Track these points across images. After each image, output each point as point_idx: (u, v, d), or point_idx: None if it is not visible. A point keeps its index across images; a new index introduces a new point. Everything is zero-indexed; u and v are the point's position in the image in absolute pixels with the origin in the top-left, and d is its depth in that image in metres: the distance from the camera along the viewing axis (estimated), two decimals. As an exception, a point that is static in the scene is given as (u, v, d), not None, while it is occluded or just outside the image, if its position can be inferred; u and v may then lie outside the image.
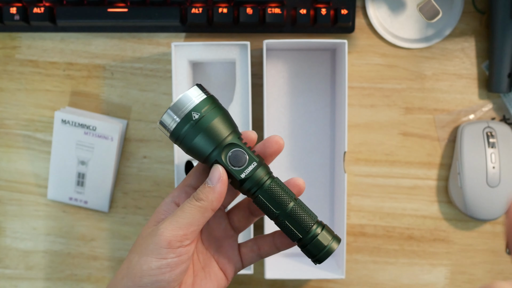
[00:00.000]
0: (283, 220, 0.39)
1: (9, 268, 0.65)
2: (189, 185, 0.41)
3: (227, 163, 0.38)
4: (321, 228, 0.40)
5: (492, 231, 0.65)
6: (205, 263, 0.42)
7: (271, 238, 0.43)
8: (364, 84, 0.63)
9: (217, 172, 0.38)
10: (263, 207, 0.39)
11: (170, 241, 0.37)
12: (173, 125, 0.38)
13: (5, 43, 0.63)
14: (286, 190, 0.40)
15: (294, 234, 0.39)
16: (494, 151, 0.61)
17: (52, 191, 0.64)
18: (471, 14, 0.63)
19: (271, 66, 0.63)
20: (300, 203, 0.40)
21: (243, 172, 0.38)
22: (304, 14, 0.60)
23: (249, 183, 0.39)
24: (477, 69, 0.64)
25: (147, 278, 0.37)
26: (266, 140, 0.41)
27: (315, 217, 0.40)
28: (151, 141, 0.64)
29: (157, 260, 0.37)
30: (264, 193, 0.39)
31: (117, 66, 0.63)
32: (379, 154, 0.64)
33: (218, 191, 0.38)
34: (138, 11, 0.60)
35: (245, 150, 0.39)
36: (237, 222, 0.43)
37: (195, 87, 0.39)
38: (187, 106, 0.38)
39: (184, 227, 0.37)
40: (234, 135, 0.39)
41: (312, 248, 0.39)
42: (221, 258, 0.42)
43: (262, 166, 0.39)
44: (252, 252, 0.43)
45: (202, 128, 0.38)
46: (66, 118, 0.62)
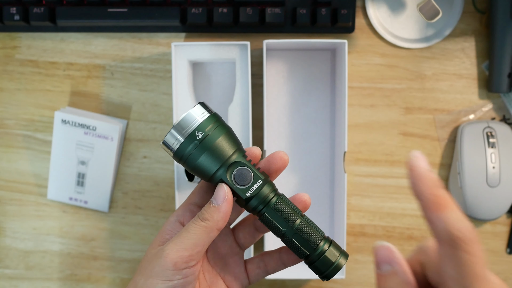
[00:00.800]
0: (290, 237, 0.39)
1: (9, 268, 0.65)
2: (193, 203, 0.40)
3: (232, 182, 0.38)
4: (329, 244, 0.39)
5: (492, 231, 0.65)
6: (212, 281, 0.41)
7: (278, 254, 0.42)
8: (364, 84, 0.63)
9: (222, 192, 0.37)
10: (269, 225, 0.39)
11: (176, 262, 0.36)
12: (177, 145, 0.37)
13: (5, 43, 0.63)
14: (292, 207, 0.39)
15: (301, 251, 0.39)
16: (494, 151, 0.61)
17: (52, 191, 0.64)
18: (471, 14, 0.63)
19: (271, 66, 0.63)
20: (306, 220, 0.39)
21: (249, 190, 0.38)
22: (304, 14, 0.60)
23: (254, 201, 0.38)
24: (477, 69, 0.64)
25: None
26: (271, 156, 0.40)
27: (322, 233, 0.39)
28: (151, 141, 0.64)
29: (163, 282, 0.36)
30: (270, 210, 0.38)
31: (117, 66, 0.63)
32: (379, 154, 0.64)
33: (223, 210, 0.37)
34: (138, 11, 0.60)
35: (250, 168, 0.38)
36: (242, 238, 0.43)
37: (198, 106, 0.38)
38: (190, 126, 0.37)
39: (190, 248, 0.37)
40: (239, 153, 0.38)
41: (320, 265, 0.39)
42: (227, 275, 0.42)
43: (267, 184, 0.39)
44: (259, 268, 0.43)
45: (207, 148, 0.37)
46: (66, 118, 0.62)
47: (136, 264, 0.65)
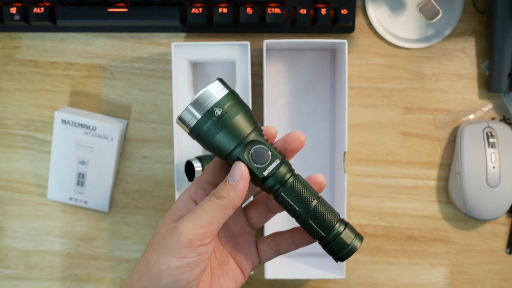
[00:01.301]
0: (306, 218, 0.38)
1: (9, 268, 0.65)
2: (206, 182, 0.40)
3: (249, 161, 0.37)
4: (344, 226, 0.39)
5: (492, 231, 0.65)
6: (222, 260, 0.41)
7: (290, 235, 0.42)
8: (364, 84, 0.63)
9: (239, 170, 0.37)
10: (285, 205, 0.38)
11: (191, 240, 0.36)
12: (194, 122, 0.37)
13: (5, 43, 0.63)
14: (308, 187, 0.39)
15: (316, 232, 0.38)
16: (494, 151, 0.61)
17: (52, 191, 0.64)
18: (471, 14, 0.63)
19: (271, 66, 0.63)
20: (322, 201, 0.39)
21: (266, 169, 0.37)
22: (304, 14, 0.60)
23: (271, 181, 0.38)
24: (477, 69, 0.64)
25: (166, 277, 0.36)
26: (287, 136, 0.40)
27: (337, 215, 0.39)
28: (151, 141, 0.64)
29: (177, 259, 0.36)
30: (287, 190, 0.38)
31: (117, 66, 0.63)
32: (379, 154, 0.64)
33: (240, 188, 0.37)
34: (138, 11, 0.60)
35: (268, 147, 0.38)
36: (254, 218, 0.42)
37: (217, 82, 0.37)
38: (209, 102, 0.36)
39: (205, 225, 0.36)
40: (257, 132, 0.38)
41: (335, 247, 0.39)
42: (238, 255, 0.42)
43: (284, 164, 0.38)
44: (270, 248, 0.42)
45: (225, 125, 0.36)
46: (66, 118, 0.62)
47: (136, 264, 0.65)
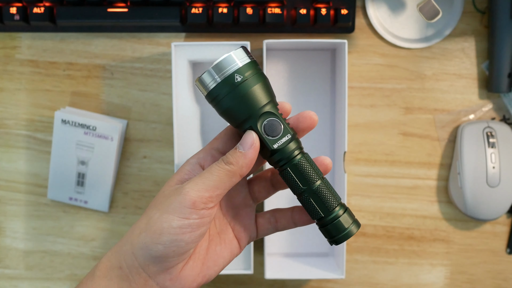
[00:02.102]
0: (308, 197, 0.39)
1: (9, 268, 0.65)
2: (216, 149, 0.40)
3: (261, 131, 0.38)
4: (344, 210, 0.39)
5: (492, 231, 0.65)
6: (221, 229, 0.42)
7: (290, 212, 0.42)
8: (364, 84, 0.63)
9: (250, 138, 0.37)
10: (290, 181, 0.39)
11: (195, 201, 0.36)
12: (212, 85, 0.37)
13: (5, 43, 0.63)
14: (314, 167, 0.39)
15: (316, 212, 0.39)
16: (494, 151, 0.61)
17: (52, 191, 0.64)
18: (471, 14, 0.63)
19: (271, 66, 0.63)
20: (326, 183, 0.39)
21: (277, 142, 0.38)
22: (304, 14, 0.60)
23: (280, 155, 0.38)
24: (477, 69, 0.64)
25: (166, 236, 0.36)
26: (300, 114, 0.40)
27: (339, 199, 0.39)
28: (151, 141, 0.64)
29: (179, 219, 0.36)
30: (293, 167, 0.38)
31: (117, 66, 0.63)
32: (379, 154, 0.64)
33: (249, 157, 0.37)
34: (138, 11, 0.60)
35: (281, 121, 0.38)
36: (257, 192, 0.43)
37: (240, 49, 0.38)
38: (230, 68, 0.37)
39: (211, 189, 0.37)
40: (272, 104, 0.38)
41: (332, 229, 0.39)
42: (237, 226, 0.42)
43: (295, 140, 0.39)
44: (269, 224, 0.43)
45: (243, 92, 0.37)
46: (66, 118, 0.62)
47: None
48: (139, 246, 0.37)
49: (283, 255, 0.65)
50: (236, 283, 0.65)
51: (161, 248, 0.36)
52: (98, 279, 0.38)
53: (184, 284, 0.39)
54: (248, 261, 0.60)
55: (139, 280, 0.38)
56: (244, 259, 0.60)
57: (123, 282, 0.38)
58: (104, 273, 0.38)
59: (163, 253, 0.37)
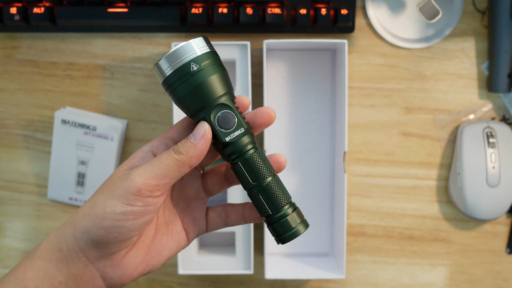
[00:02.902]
0: (257, 193, 0.38)
1: (9, 268, 0.65)
2: (170, 138, 0.40)
3: (214, 123, 0.37)
4: (293, 210, 0.39)
5: (492, 231, 0.65)
6: (170, 219, 0.41)
7: (241, 208, 0.42)
8: (364, 84, 0.63)
9: (202, 129, 0.37)
10: (240, 176, 0.38)
11: (140, 188, 0.36)
12: (168, 72, 0.37)
13: (5, 43, 0.63)
14: (267, 163, 0.39)
15: (264, 209, 0.38)
16: (494, 151, 0.61)
17: (52, 191, 0.64)
18: (471, 14, 0.63)
19: (271, 66, 0.63)
20: (277, 180, 0.39)
21: (229, 135, 0.37)
22: (304, 14, 0.60)
23: (231, 148, 0.38)
24: (477, 69, 0.64)
25: (108, 221, 0.36)
26: (258, 110, 0.40)
27: (289, 197, 0.39)
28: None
29: (123, 205, 0.36)
30: (244, 161, 0.38)
31: (117, 66, 0.63)
32: (379, 154, 0.64)
33: (200, 148, 0.37)
34: (138, 11, 0.60)
35: (236, 114, 0.38)
36: (210, 185, 0.42)
37: (200, 38, 0.37)
38: (187, 56, 0.36)
39: (158, 177, 0.36)
40: (228, 97, 0.38)
41: (279, 227, 0.38)
42: (186, 217, 0.42)
43: (248, 134, 0.38)
44: (220, 218, 0.42)
45: (198, 82, 0.36)
46: (66, 118, 0.62)
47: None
48: (80, 230, 0.37)
49: (283, 255, 0.65)
50: (236, 283, 0.65)
51: (103, 233, 0.36)
52: (37, 260, 0.38)
53: (125, 271, 0.38)
54: (248, 261, 0.60)
55: (78, 264, 0.37)
56: (244, 259, 0.60)
57: (62, 264, 0.37)
58: (44, 254, 0.38)
59: (104, 238, 0.36)
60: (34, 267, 0.37)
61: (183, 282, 0.65)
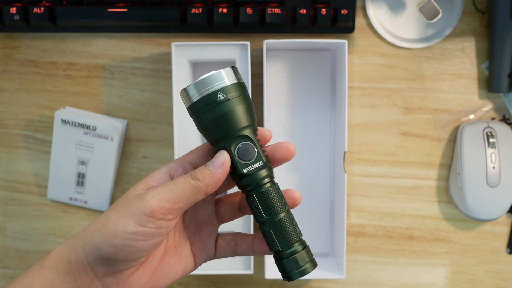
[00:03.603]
0: (269, 228, 0.38)
1: (9, 268, 0.65)
2: (189, 162, 0.40)
3: (234, 153, 0.38)
4: (302, 248, 0.39)
5: (492, 231, 0.65)
6: (179, 242, 0.41)
7: (251, 239, 0.42)
8: (364, 84, 0.63)
9: (222, 158, 0.37)
10: (253, 208, 0.39)
11: (154, 210, 0.36)
12: (196, 98, 0.37)
13: (5, 43, 0.63)
14: (281, 199, 0.39)
15: (274, 244, 0.39)
16: (494, 151, 0.61)
17: (52, 191, 0.64)
18: (471, 14, 0.63)
19: (271, 66, 0.63)
20: (290, 216, 0.39)
21: (247, 167, 0.38)
22: (304, 14, 0.60)
23: (248, 180, 0.38)
24: (477, 69, 0.64)
25: (119, 239, 0.36)
26: (279, 144, 0.40)
27: (300, 235, 0.39)
28: (151, 141, 0.64)
29: (135, 225, 0.36)
30: (259, 195, 0.38)
31: (117, 66, 0.63)
32: (379, 154, 0.64)
33: (217, 176, 0.37)
34: (138, 11, 0.60)
35: (257, 146, 0.38)
36: (223, 213, 0.43)
37: (229, 69, 0.38)
38: (216, 85, 0.37)
39: (172, 201, 0.36)
40: (251, 129, 0.38)
41: (286, 264, 0.39)
42: (196, 242, 0.42)
43: (266, 168, 0.38)
44: (229, 246, 0.42)
45: (222, 111, 0.37)
46: (66, 118, 0.62)
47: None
48: (91, 245, 0.37)
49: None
50: (236, 283, 0.65)
51: (112, 250, 0.36)
52: (45, 270, 0.38)
53: None
54: (248, 261, 0.60)
55: (85, 278, 0.37)
56: (244, 259, 0.60)
57: (69, 277, 0.37)
58: (52, 264, 0.38)
59: (113, 255, 0.36)
60: (41, 276, 0.38)
61: (183, 282, 0.65)
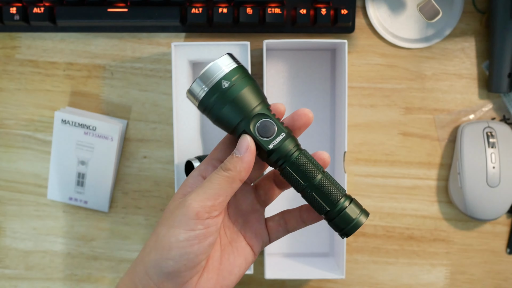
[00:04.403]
0: (311, 192, 0.38)
1: (9, 268, 0.65)
2: (216, 159, 0.40)
3: (255, 133, 0.38)
4: (349, 201, 0.39)
5: (492, 231, 0.65)
6: (232, 238, 0.42)
7: (298, 212, 0.42)
8: (364, 84, 0.63)
9: (245, 142, 0.37)
10: (291, 179, 0.39)
11: (198, 212, 0.36)
12: (202, 94, 0.37)
13: (5, 43, 0.63)
14: (314, 162, 0.39)
15: (321, 206, 0.39)
16: (494, 151, 0.61)
17: (52, 191, 0.64)
18: (471, 14, 0.63)
19: (271, 66, 0.63)
20: (328, 176, 0.39)
21: (271, 142, 0.38)
22: (304, 14, 0.60)
23: (277, 154, 0.38)
24: (477, 69, 0.64)
25: (175, 250, 0.36)
26: (295, 113, 0.40)
27: (343, 190, 0.39)
28: (151, 141, 0.64)
29: (186, 231, 0.36)
30: (292, 165, 0.38)
31: (117, 66, 0.63)
32: (379, 154, 0.64)
33: (246, 160, 0.37)
34: (138, 11, 0.60)
35: (274, 120, 0.38)
36: (263, 196, 0.43)
37: (225, 56, 0.38)
38: (217, 75, 0.37)
39: (212, 197, 0.37)
40: (263, 106, 0.38)
41: (339, 221, 0.39)
42: (248, 232, 0.42)
43: (290, 138, 0.39)
44: (279, 226, 0.43)
45: (231, 97, 0.37)
46: (66, 118, 0.62)
47: (136, 264, 0.65)
48: (150, 265, 0.37)
49: (283, 255, 0.65)
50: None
51: (172, 263, 0.36)
52: None
53: None
54: (248, 261, 0.60)
55: None
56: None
57: None
58: None
59: (175, 268, 0.37)
60: None
61: (183, 282, 0.65)
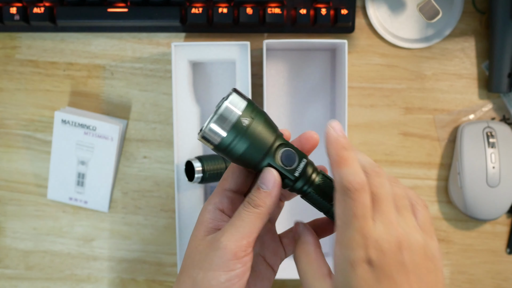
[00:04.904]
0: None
1: (9, 268, 0.65)
2: (228, 190, 0.40)
3: (280, 165, 0.37)
4: None
5: (492, 231, 0.65)
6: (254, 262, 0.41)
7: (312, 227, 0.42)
8: (364, 84, 0.63)
9: (271, 176, 0.37)
10: (316, 203, 0.39)
11: (236, 252, 0.36)
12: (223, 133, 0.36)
13: (5, 43, 0.63)
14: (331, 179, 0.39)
15: None
16: (494, 151, 0.61)
17: (52, 191, 0.64)
18: (471, 14, 0.63)
19: (271, 66, 0.63)
20: None
21: (296, 170, 0.38)
22: (304, 14, 0.60)
23: (302, 181, 0.38)
24: (477, 69, 0.64)
25: None
26: (302, 136, 0.40)
27: None
28: (151, 141, 0.64)
29: (225, 273, 0.36)
30: (316, 188, 0.38)
31: (117, 66, 0.63)
32: (379, 154, 0.64)
33: (275, 195, 0.37)
34: (138, 11, 0.60)
35: (294, 148, 0.38)
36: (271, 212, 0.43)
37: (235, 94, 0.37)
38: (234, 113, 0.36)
39: (246, 236, 0.37)
40: (280, 135, 0.38)
41: None
42: (267, 253, 0.42)
43: (309, 162, 0.38)
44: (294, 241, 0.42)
45: (255, 133, 0.36)
46: (66, 118, 0.62)
47: (136, 264, 0.65)
48: None
49: (283, 255, 0.65)
50: (236, 283, 0.65)
51: None
52: None
53: None
54: (248, 261, 0.60)
55: None
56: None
57: None
58: None
59: None
60: None
61: (183, 282, 0.65)
